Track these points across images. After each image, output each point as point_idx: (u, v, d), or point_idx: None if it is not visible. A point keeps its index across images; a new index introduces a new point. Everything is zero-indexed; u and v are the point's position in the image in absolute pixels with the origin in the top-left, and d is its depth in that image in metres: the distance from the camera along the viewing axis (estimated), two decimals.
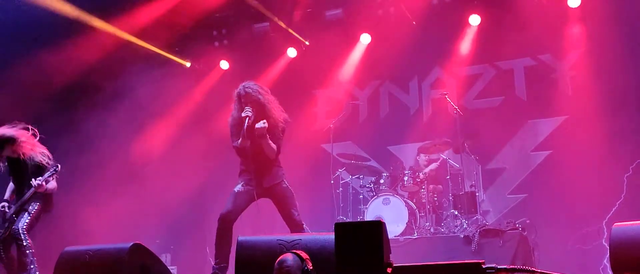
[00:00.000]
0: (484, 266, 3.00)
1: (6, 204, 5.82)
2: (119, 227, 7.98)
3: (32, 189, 5.62)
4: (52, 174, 5.70)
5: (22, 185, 5.78)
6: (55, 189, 5.86)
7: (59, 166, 5.76)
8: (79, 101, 8.35)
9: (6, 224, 5.70)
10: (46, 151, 5.91)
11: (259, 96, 5.31)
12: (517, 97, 8.48)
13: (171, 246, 8.83)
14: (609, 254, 3.82)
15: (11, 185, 6.03)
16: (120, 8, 8.26)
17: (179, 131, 9.03)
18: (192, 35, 9.06)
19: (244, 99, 5.33)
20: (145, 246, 4.65)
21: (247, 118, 5.23)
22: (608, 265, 4.11)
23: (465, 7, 8.34)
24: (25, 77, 7.74)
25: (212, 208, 9.43)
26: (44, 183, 5.61)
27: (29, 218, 5.62)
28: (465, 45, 8.58)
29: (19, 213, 5.68)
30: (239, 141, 5.29)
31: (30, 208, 5.68)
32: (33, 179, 5.62)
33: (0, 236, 5.69)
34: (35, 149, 5.86)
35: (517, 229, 6.53)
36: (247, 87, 5.35)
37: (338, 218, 7.74)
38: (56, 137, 7.18)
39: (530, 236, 6.84)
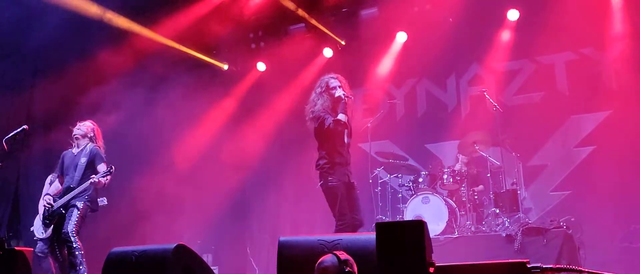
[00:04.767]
0: (528, 266, 2.97)
1: (50, 198, 5.94)
2: (162, 228, 8.15)
3: (86, 184, 5.76)
4: (106, 175, 5.83)
5: (71, 179, 5.90)
6: (107, 184, 6.01)
7: (113, 167, 5.88)
8: (118, 104, 8.55)
9: (53, 218, 5.84)
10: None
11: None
12: (559, 92, 8.30)
13: (212, 246, 8.97)
14: None
15: (50, 179, 6.17)
16: (158, 12, 8.44)
17: (218, 132, 9.17)
18: (228, 38, 9.18)
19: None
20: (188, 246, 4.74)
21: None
22: None
23: (503, 1, 8.22)
24: (65, 83, 7.98)
25: (252, 208, 9.57)
26: (101, 179, 5.80)
27: (77, 219, 5.75)
28: (504, 40, 8.45)
29: (67, 208, 5.79)
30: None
31: (76, 207, 5.78)
32: (93, 176, 5.80)
33: (48, 226, 5.86)
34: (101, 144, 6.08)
35: (561, 227, 6.39)
36: None
37: (377, 217, 7.73)
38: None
39: (576, 234, 6.67)
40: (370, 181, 7.96)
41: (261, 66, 9.57)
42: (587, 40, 8.05)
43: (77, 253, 5.65)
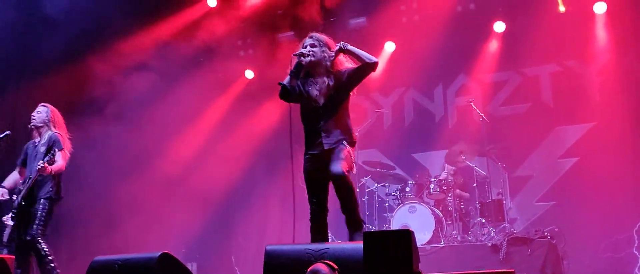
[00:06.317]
0: None
1: (6, 191, 5.62)
2: (145, 236, 8.08)
3: (36, 174, 5.36)
4: (54, 153, 5.42)
5: (31, 170, 5.54)
6: (62, 169, 5.56)
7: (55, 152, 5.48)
8: (103, 111, 8.49)
9: (15, 212, 5.48)
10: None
11: None
12: (544, 104, 8.40)
13: (197, 255, 8.90)
14: None
15: (15, 174, 5.81)
16: (147, 18, 8.41)
17: (204, 142, 9.13)
18: (217, 45, 9.17)
19: None
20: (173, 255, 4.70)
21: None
22: None
23: (489, 14, 8.32)
24: (51, 88, 7.89)
25: (237, 216, 9.52)
26: (47, 165, 5.33)
27: (42, 219, 5.42)
28: (490, 52, 8.55)
29: (29, 201, 5.47)
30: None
31: (39, 204, 5.46)
32: (40, 162, 5.34)
33: (12, 219, 5.50)
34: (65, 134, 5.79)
35: (545, 237, 6.45)
36: None
37: (364, 226, 7.72)
38: (82, 148, 7.30)
39: (559, 245, 6.74)
40: (358, 189, 7.97)
41: (249, 74, 9.57)
42: (571, 53, 8.18)
43: (47, 259, 5.30)
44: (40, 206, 5.49)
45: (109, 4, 7.92)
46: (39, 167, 5.32)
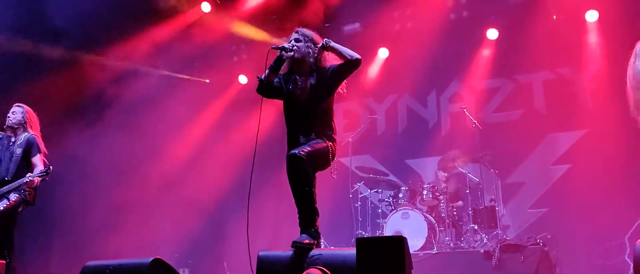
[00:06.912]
0: None
1: None
2: (138, 241, 8.05)
3: (22, 180, 5.46)
4: (42, 176, 5.54)
5: (6, 171, 5.59)
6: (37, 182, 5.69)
7: (51, 168, 5.58)
8: (97, 117, 8.46)
9: None
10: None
11: None
12: (537, 111, 8.43)
13: (189, 261, 8.87)
14: (632, 270, 3.77)
15: None
16: (142, 22, 8.41)
17: (197, 147, 9.11)
18: (211, 51, 9.16)
19: None
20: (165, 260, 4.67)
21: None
22: None
23: (482, 21, 8.36)
24: (56, 89, 7.88)
25: (229, 221, 9.49)
26: (35, 179, 5.47)
27: (2, 208, 5.45)
28: (483, 59, 8.59)
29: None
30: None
31: (7, 198, 5.50)
32: (29, 174, 5.50)
33: None
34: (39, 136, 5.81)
35: (538, 244, 6.46)
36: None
37: (357, 232, 7.73)
38: (75, 153, 7.29)
39: (552, 251, 6.76)
40: (351, 195, 7.98)
41: (243, 79, 9.56)
42: (564, 60, 8.22)
43: None
44: (9, 198, 5.52)
45: (106, 9, 7.91)
46: (28, 180, 5.46)
